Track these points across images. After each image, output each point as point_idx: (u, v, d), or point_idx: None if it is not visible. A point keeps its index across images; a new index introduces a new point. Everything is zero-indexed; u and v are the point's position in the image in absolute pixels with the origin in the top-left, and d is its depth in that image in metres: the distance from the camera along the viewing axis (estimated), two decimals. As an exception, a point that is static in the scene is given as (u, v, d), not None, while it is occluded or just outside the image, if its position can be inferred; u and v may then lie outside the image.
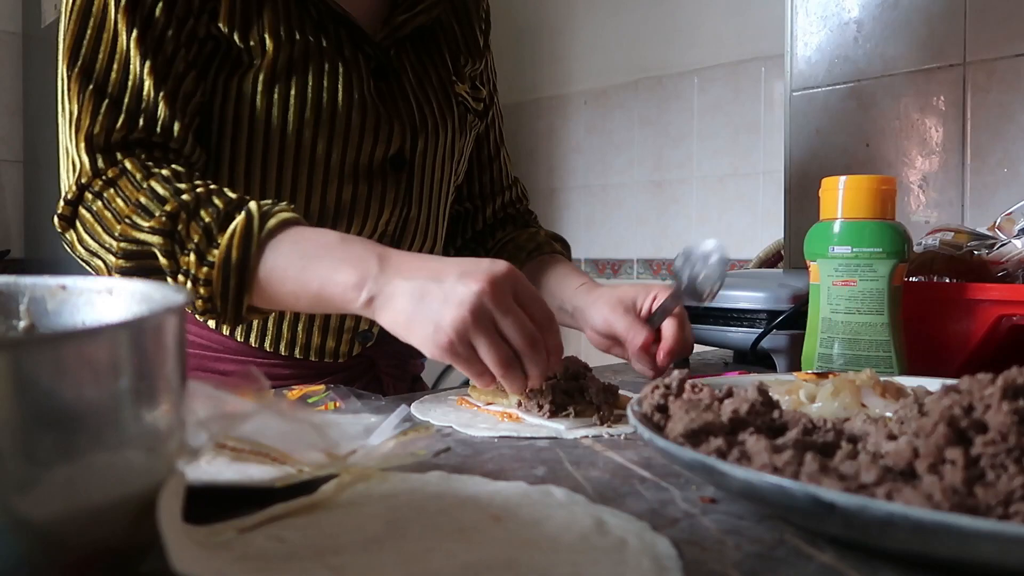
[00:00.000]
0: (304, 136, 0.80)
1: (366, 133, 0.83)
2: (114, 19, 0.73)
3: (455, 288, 0.57)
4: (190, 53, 0.76)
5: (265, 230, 0.65)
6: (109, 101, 0.72)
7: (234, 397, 0.37)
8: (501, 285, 0.57)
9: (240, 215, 0.66)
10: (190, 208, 0.67)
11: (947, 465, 0.34)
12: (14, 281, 0.41)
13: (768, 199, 2.41)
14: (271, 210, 0.66)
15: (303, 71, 0.80)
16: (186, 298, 0.33)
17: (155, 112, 0.73)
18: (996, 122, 1.07)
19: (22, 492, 0.25)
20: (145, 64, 0.73)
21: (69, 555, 0.27)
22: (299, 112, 0.79)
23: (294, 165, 0.81)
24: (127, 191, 0.69)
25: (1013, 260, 0.77)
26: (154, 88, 0.73)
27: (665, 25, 2.66)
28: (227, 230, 0.65)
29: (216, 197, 0.68)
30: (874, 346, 0.68)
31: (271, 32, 0.78)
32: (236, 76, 0.78)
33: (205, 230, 0.66)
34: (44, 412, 0.25)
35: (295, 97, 0.79)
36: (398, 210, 0.88)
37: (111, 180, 0.71)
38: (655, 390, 0.49)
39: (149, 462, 0.29)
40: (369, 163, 0.85)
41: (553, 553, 0.34)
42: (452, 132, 0.92)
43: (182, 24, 0.75)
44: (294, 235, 0.66)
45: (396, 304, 0.60)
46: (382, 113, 0.85)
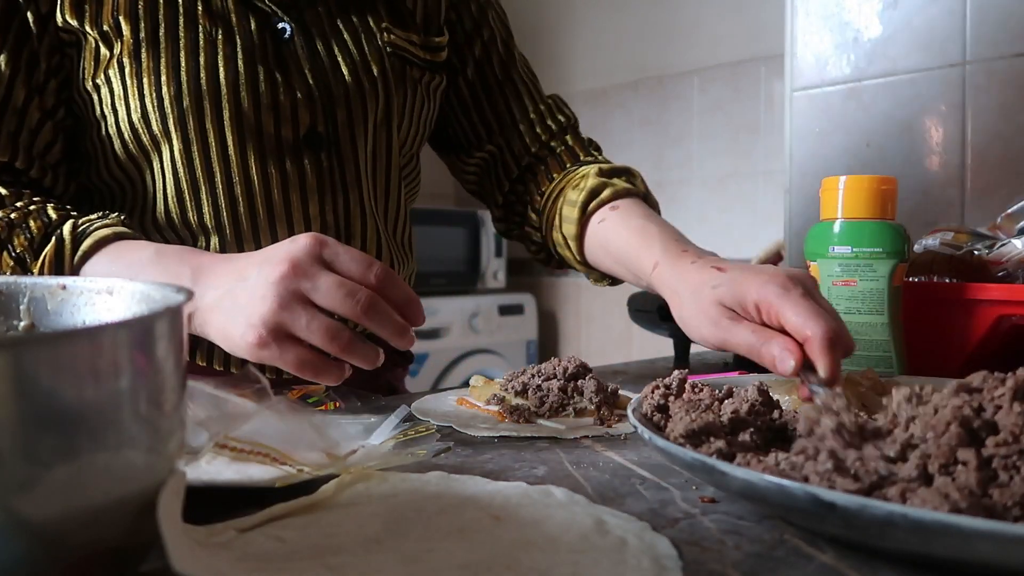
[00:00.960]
0: (189, 126, 0.69)
1: (263, 113, 0.71)
2: None
3: (256, 281, 0.53)
4: (32, 81, 0.69)
5: (78, 254, 0.62)
6: None
7: (234, 397, 0.37)
8: (304, 259, 0.53)
9: (51, 242, 0.63)
10: (2, 238, 0.64)
11: (959, 466, 0.34)
12: (14, 281, 0.41)
13: (768, 199, 2.41)
14: (88, 229, 0.63)
15: (173, 50, 0.69)
16: (186, 298, 0.33)
17: None
18: (996, 122, 1.07)
19: (22, 492, 0.25)
20: None
21: (69, 555, 0.27)
22: (175, 100, 0.69)
23: (187, 161, 0.71)
24: None
25: (1013, 260, 0.77)
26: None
27: (665, 25, 2.66)
28: (39, 259, 0.63)
29: (33, 220, 0.64)
30: (874, 346, 0.68)
31: (125, 11, 0.68)
32: (100, 73, 0.69)
33: (17, 260, 0.63)
34: (44, 412, 0.25)
35: (168, 84, 0.68)
36: (329, 198, 0.76)
37: None
38: (655, 390, 0.49)
39: (149, 462, 0.29)
40: (277, 145, 0.73)
41: (553, 553, 0.34)
42: (384, 95, 0.77)
43: (19, 53, 0.68)
44: (109, 254, 0.63)
45: (212, 317, 0.56)
46: (281, 85, 0.72)
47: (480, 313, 2.72)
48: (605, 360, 1.01)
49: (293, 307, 0.52)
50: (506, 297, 2.86)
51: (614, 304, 2.65)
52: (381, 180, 0.81)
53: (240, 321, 0.54)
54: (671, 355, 1.07)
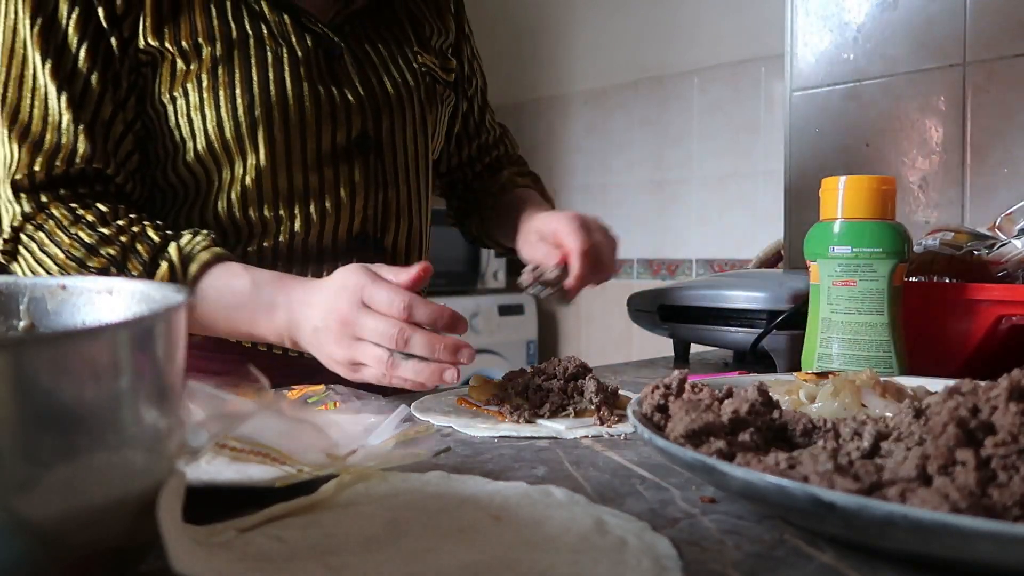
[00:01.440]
0: (259, 132, 0.79)
1: (323, 120, 0.82)
2: (30, 54, 0.75)
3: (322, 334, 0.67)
4: (107, 74, 0.76)
5: (188, 277, 0.72)
6: (31, 141, 0.75)
7: (234, 397, 0.37)
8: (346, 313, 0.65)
9: (163, 265, 0.72)
10: (118, 261, 0.72)
11: (958, 467, 0.34)
12: (14, 281, 0.41)
13: (768, 199, 2.41)
14: (192, 252, 0.72)
15: (245, 67, 0.78)
16: (186, 297, 0.33)
17: (75, 144, 0.75)
18: (996, 122, 1.07)
19: (22, 492, 0.25)
20: (61, 96, 0.75)
21: (69, 555, 0.27)
22: (248, 110, 0.78)
23: (255, 162, 0.80)
24: (57, 237, 0.73)
25: (1013, 260, 0.77)
26: (73, 121, 0.75)
27: (665, 25, 2.66)
28: (154, 279, 0.71)
29: (140, 244, 0.73)
30: (874, 346, 0.68)
31: (204, 33, 0.78)
32: (178, 86, 0.78)
33: None
34: (44, 412, 0.25)
35: (241, 96, 0.78)
36: (373, 193, 0.87)
37: (39, 225, 0.74)
38: (655, 390, 0.49)
39: (149, 462, 0.29)
40: (332, 147, 0.83)
41: (553, 553, 0.34)
42: (420, 106, 0.90)
43: (96, 46, 0.76)
44: (215, 281, 0.72)
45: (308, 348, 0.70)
46: (336, 96, 0.83)
47: (480, 313, 2.72)
48: (605, 360, 1.01)
49: (354, 347, 0.65)
50: (506, 297, 2.86)
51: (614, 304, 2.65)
52: (417, 179, 0.92)
53: (327, 358, 0.68)
54: (671, 355, 1.07)
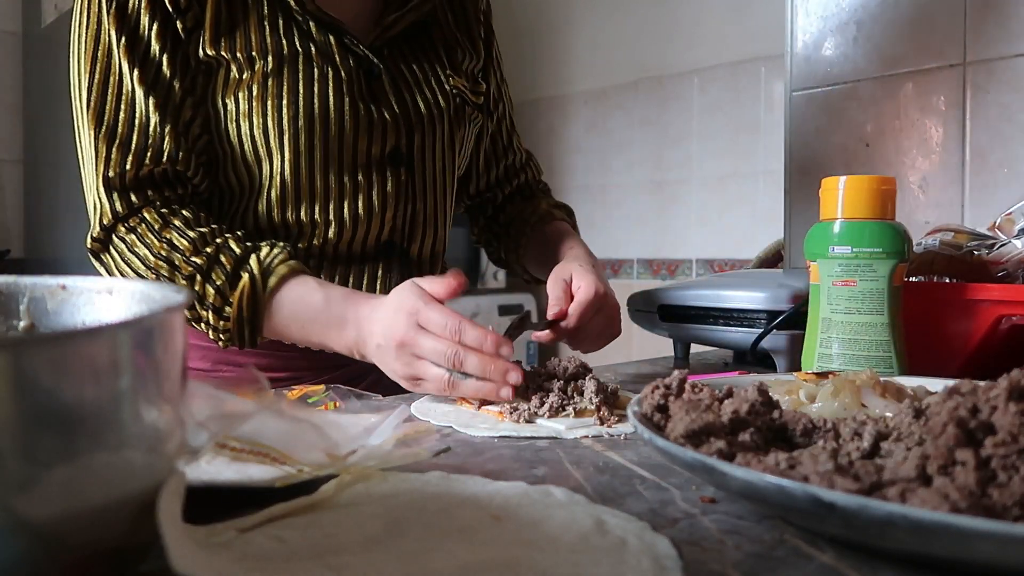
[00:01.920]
0: (301, 141, 0.84)
1: (360, 134, 0.87)
2: (118, 61, 0.80)
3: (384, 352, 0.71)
4: (185, 81, 0.82)
5: (267, 290, 0.77)
6: (119, 142, 0.80)
7: (234, 397, 0.37)
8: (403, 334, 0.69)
9: (245, 276, 0.77)
10: (204, 270, 0.78)
11: (958, 467, 0.34)
12: (14, 281, 0.41)
13: (768, 199, 2.41)
14: (271, 265, 0.78)
15: (293, 80, 0.84)
16: (186, 298, 0.33)
17: (161, 145, 0.81)
18: (996, 122, 1.07)
19: (22, 492, 0.25)
20: (149, 100, 0.80)
21: (69, 555, 0.27)
22: (293, 120, 0.83)
23: (294, 168, 0.85)
24: (148, 239, 0.79)
25: (1013, 260, 0.77)
26: (160, 123, 0.81)
27: (665, 25, 2.66)
28: (236, 289, 0.77)
29: (223, 255, 0.78)
30: (874, 346, 0.68)
31: (258, 47, 0.83)
32: (231, 92, 0.83)
33: (218, 291, 0.77)
34: (44, 412, 0.25)
35: (288, 106, 0.83)
36: (403, 205, 0.92)
37: (132, 228, 0.80)
38: (655, 390, 0.49)
39: (149, 462, 0.29)
40: (367, 160, 0.88)
41: (553, 553, 0.34)
42: (449, 125, 0.95)
43: (175, 54, 0.81)
44: (290, 294, 0.77)
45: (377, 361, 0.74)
46: (374, 112, 0.88)
47: (480, 313, 2.72)
48: (605, 360, 1.01)
49: (414, 364, 0.70)
50: (506, 297, 2.86)
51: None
52: (443, 193, 0.97)
53: (392, 372, 0.72)
54: (671, 355, 1.07)
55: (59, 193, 2.34)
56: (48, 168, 2.43)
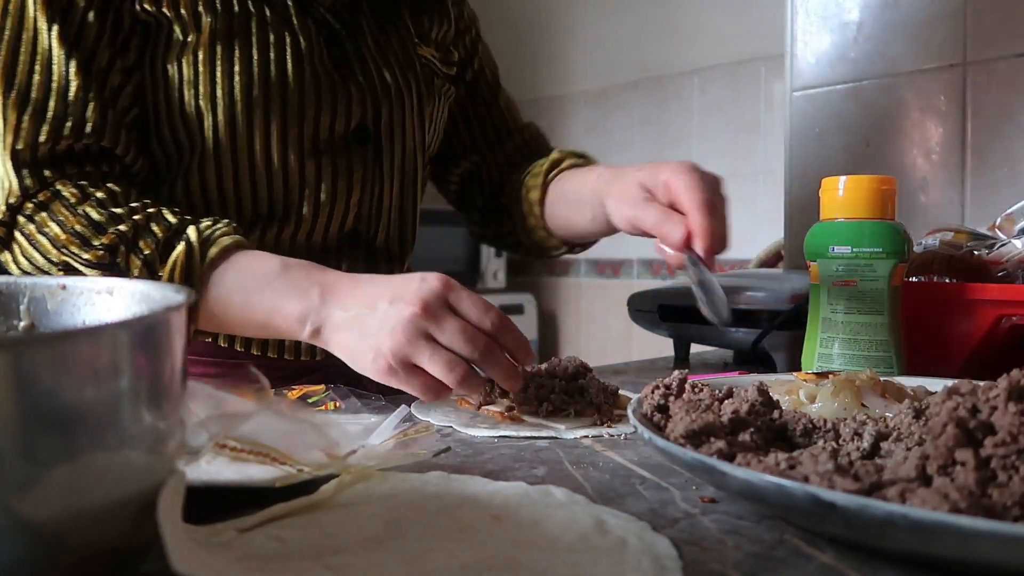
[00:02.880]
0: (255, 114, 0.75)
1: (323, 106, 0.78)
2: (33, 15, 0.69)
3: (388, 314, 0.59)
4: (116, 41, 0.72)
5: (207, 260, 0.65)
6: (32, 109, 0.68)
7: (234, 397, 0.37)
8: (433, 302, 0.59)
9: (180, 245, 0.65)
10: (128, 239, 0.66)
11: (958, 467, 0.34)
12: (14, 281, 0.41)
13: (768, 199, 2.41)
14: (212, 236, 0.66)
15: (245, 45, 0.74)
16: (186, 297, 0.33)
17: (83, 114, 0.70)
18: (996, 122, 1.07)
19: (22, 492, 0.25)
20: (71, 63, 0.69)
21: (69, 555, 0.27)
22: (246, 90, 0.74)
23: (248, 145, 0.75)
24: (61, 216, 0.67)
25: (1013, 260, 0.77)
26: (82, 88, 0.69)
27: (665, 25, 2.66)
28: (167, 261, 0.65)
29: (155, 224, 0.66)
30: (874, 346, 0.68)
31: (205, 4, 0.73)
32: (173, 57, 0.73)
33: (145, 262, 0.65)
34: (44, 412, 0.25)
35: (240, 74, 0.73)
36: (369, 187, 0.83)
37: (43, 203, 0.68)
38: (655, 390, 0.49)
39: (149, 462, 0.29)
40: (330, 137, 0.79)
41: (553, 553, 0.34)
42: (418, 97, 0.86)
43: (105, 10, 0.71)
44: (236, 264, 0.66)
45: (340, 336, 0.62)
46: (338, 83, 0.79)
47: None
48: (605, 360, 1.01)
49: (419, 343, 0.58)
50: (506, 297, 2.85)
51: (614, 304, 2.65)
52: (411, 174, 0.88)
53: (369, 347, 0.59)
54: (671, 355, 1.07)
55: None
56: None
